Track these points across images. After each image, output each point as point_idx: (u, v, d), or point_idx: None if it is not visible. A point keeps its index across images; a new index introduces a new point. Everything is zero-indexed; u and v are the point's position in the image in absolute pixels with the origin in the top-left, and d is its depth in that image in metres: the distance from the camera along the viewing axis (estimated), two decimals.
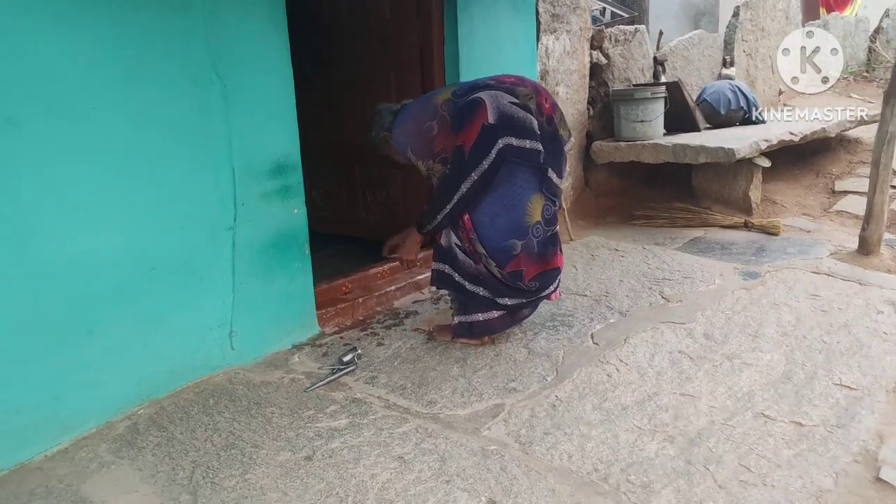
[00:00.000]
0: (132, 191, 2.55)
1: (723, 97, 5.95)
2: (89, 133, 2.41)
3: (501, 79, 2.99)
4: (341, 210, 4.81)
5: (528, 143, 2.88)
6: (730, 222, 5.09)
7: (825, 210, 5.50)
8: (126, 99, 2.50)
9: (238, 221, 2.91)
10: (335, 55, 4.55)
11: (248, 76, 2.88)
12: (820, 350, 3.02)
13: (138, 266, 2.60)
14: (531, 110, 2.89)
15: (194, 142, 2.73)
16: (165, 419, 2.57)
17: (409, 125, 3.04)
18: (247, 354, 3.00)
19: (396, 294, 3.79)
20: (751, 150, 5.00)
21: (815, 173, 6.13)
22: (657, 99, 5.34)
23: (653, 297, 3.74)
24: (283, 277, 3.12)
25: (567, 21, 5.08)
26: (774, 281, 3.89)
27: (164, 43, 2.59)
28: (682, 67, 6.58)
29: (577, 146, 5.51)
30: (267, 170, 3.00)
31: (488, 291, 3.03)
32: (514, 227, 2.92)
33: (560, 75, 5.11)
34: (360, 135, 4.37)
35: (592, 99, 5.66)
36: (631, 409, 2.58)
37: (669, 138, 5.35)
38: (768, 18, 7.80)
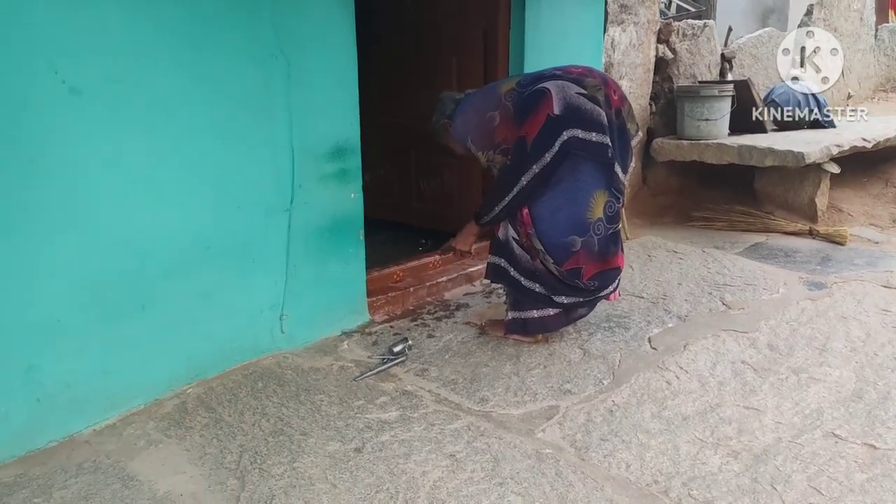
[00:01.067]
0: (191, 167, 2.53)
1: (792, 98, 5.73)
2: (150, 106, 2.38)
3: (569, 69, 2.89)
4: (394, 196, 4.75)
5: (595, 136, 2.77)
6: (793, 229, 4.89)
7: (894, 221, 5.27)
8: (188, 73, 2.46)
9: (295, 203, 2.86)
10: (396, 37, 4.48)
11: (312, 55, 2.82)
12: (893, 369, 2.86)
13: (193, 244, 2.57)
14: (599, 102, 2.78)
15: (255, 120, 2.69)
16: (214, 400, 2.54)
17: (469, 115, 2.95)
18: (296, 339, 2.96)
19: (448, 285, 3.72)
20: (821, 154, 4.80)
21: (885, 182, 5.87)
22: (724, 97, 5.16)
23: (713, 302, 3.60)
24: (337, 262, 3.07)
25: (635, 13, 4.94)
26: (842, 293, 3.71)
27: (230, 17, 2.55)
28: (749, 66, 6.36)
29: (637, 143, 5.36)
30: (326, 152, 2.94)
31: (545, 288, 2.93)
32: (574, 223, 2.82)
33: (625, 68, 4.97)
34: (417, 119, 4.31)
35: (655, 94, 5.50)
36: (692, 420, 2.47)
37: (734, 138, 5.17)
38: (842, 19, 7.50)
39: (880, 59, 8.61)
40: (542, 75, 2.88)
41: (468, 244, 3.13)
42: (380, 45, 4.49)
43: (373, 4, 4.34)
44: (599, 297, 3.05)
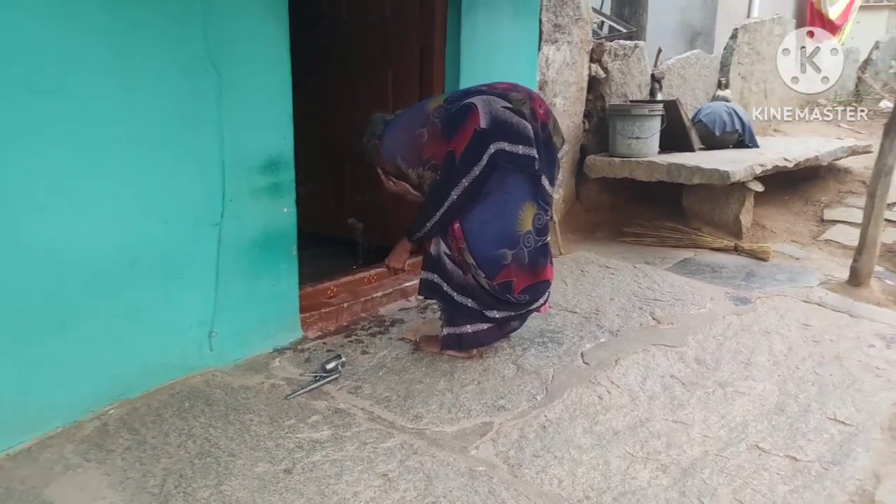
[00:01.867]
0: (115, 179, 2.44)
1: (718, 119, 5.91)
2: (74, 118, 2.29)
3: (494, 85, 2.93)
4: (330, 210, 4.69)
5: (522, 149, 2.80)
6: (719, 245, 5.04)
7: (814, 238, 5.48)
8: (114, 84, 2.38)
9: (225, 217, 2.79)
10: (332, 49, 4.45)
11: (244, 67, 2.77)
12: (813, 382, 2.97)
13: (118, 258, 2.48)
14: (525, 115, 2.82)
15: (184, 132, 2.61)
16: (137, 421, 2.44)
17: (399, 133, 2.97)
18: (226, 356, 2.89)
19: (382, 300, 3.69)
20: (746, 173, 4.97)
21: (805, 200, 6.12)
22: (654, 116, 5.30)
23: (644, 317, 3.67)
24: (269, 278, 3.01)
25: (569, 32, 5.02)
26: (765, 308, 3.84)
27: (160, 26, 2.48)
28: (678, 86, 6.55)
29: (571, 160, 5.45)
30: (258, 165, 2.89)
31: (477, 303, 2.94)
32: (504, 236, 2.85)
33: (559, 86, 5.05)
34: (354, 134, 4.28)
35: (589, 112, 5.60)
36: (623, 435, 2.51)
37: (664, 157, 5.31)
38: (764, 43, 7.81)
39: None
40: (468, 92, 2.91)
41: (401, 261, 3.12)
42: (317, 60, 4.46)
43: (309, 18, 4.31)
44: (530, 310, 3.07)
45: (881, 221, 4.20)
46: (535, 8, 4.50)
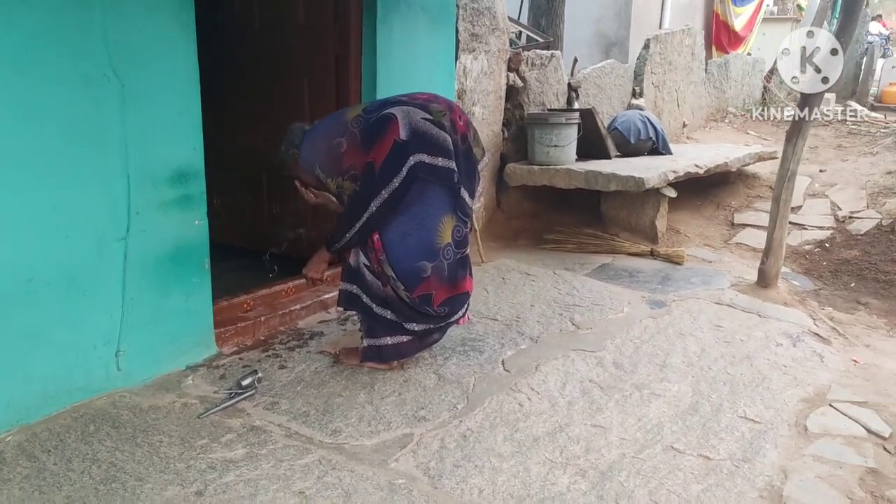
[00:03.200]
0: (9, 195, 2.31)
1: (633, 126, 6.06)
2: None
3: (415, 96, 2.91)
4: (245, 221, 4.59)
5: (441, 161, 2.79)
6: (636, 250, 5.16)
7: (725, 242, 5.68)
8: (5, 95, 2.26)
9: (131, 232, 2.68)
10: (245, 57, 4.36)
11: (149, 76, 2.67)
12: (724, 381, 3.05)
13: (12, 277, 2.35)
14: (445, 127, 2.81)
15: (85, 144, 2.50)
16: (37, 447, 2.31)
17: (317, 142, 2.92)
18: (135, 376, 2.77)
19: (301, 313, 3.61)
20: (659, 180, 5.10)
21: (716, 205, 6.34)
22: (571, 125, 5.38)
23: (563, 323, 3.71)
24: (180, 293, 2.90)
25: (486, 41, 5.06)
26: (680, 310, 3.94)
27: (55, 34, 2.37)
28: (594, 95, 6.69)
29: (491, 168, 5.48)
30: (166, 177, 2.79)
31: (396, 315, 2.91)
32: (424, 249, 2.83)
33: (477, 95, 5.08)
34: (269, 143, 4.20)
35: (507, 121, 5.65)
36: (542, 441, 2.52)
37: (582, 164, 5.40)
38: (675, 53, 8.05)
39: (710, 90, 9.32)
40: (387, 102, 2.89)
41: (320, 271, 3.07)
42: (230, 69, 4.35)
43: (220, 25, 4.21)
44: (450, 322, 3.06)
45: (786, 224, 4.37)
46: (452, 17, 4.51)
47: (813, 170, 7.07)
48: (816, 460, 2.48)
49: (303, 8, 4.06)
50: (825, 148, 8.01)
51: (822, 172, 7.04)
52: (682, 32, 8.26)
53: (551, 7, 7.45)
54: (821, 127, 8.59)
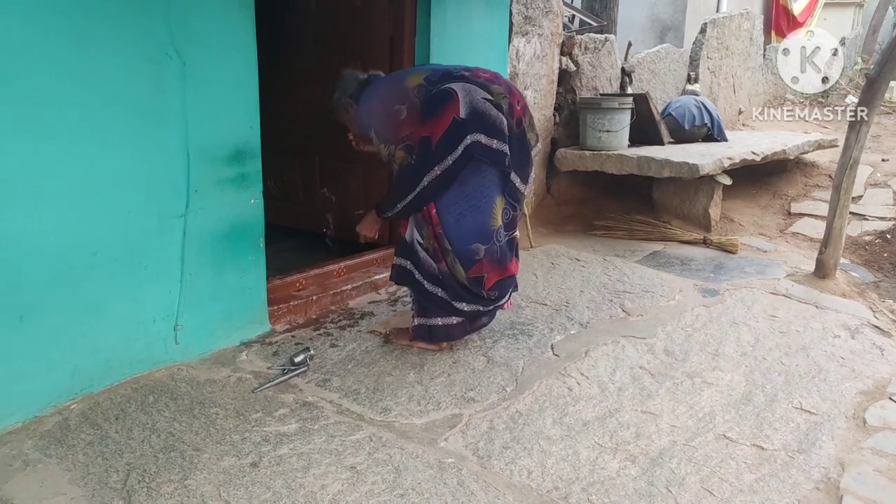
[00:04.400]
0: (76, 169, 2.38)
1: (688, 112, 5.95)
2: (31, 104, 2.23)
3: (477, 72, 2.88)
4: (298, 202, 4.64)
5: (496, 144, 2.78)
6: (689, 238, 5.08)
7: (781, 231, 5.55)
8: (74, 70, 2.33)
9: (190, 209, 2.74)
10: (301, 38, 4.39)
11: (209, 55, 2.72)
12: (779, 372, 3.00)
13: (78, 250, 2.42)
14: (503, 110, 2.79)
15: (147, 122, 2.56)
16: (100, 416, 2.39)
17: (375, 105, 2.91)
18: (192, 350, 2.84)
19: (352, 293, 3.65)
20: (714, 167, 5.00)
21: (772, 194, 6.19)
22: (624, 110, 5.31)
23: (613, 309, 3.68)
24: (235, 270, 2.96)
25: (539, 24, 5.01)
26: (733, 300, 3.87)
27: (119, 12, 2.42)
28: (648, 80, 6.58)
29: (542, 153, 5.45)
30: (224, 155, 2.84)
31: (446, 293, 2.93)
32: (478, 230, 2.84)
33: (529, 79, 5.04)
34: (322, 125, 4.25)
35: (559, 105, 5.60)
36: (592, 426, 2.51)
37: (634, 150, 5.33)
38: (733, 38, 7.87)
39: (768, 77, 9.09)
40: (449, 72, 2.85)
41: (373, 230, 3.10)
42: (285, 49, 4.40)
43: (277, 5, 4.25)
44: (498, 305, 3.06)
45: (846, 214, 4.25)
46: (506, 0, 4.48)
47: (875, 159, 6.85)
48: (875, 454, 2.42)
49: (351, 14, 4.07)
50: (888, 137, 7.76)
51: (885, 162, 6.82)
52: (740, 16, 8.07)
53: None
54: (884, 115, 8.31)
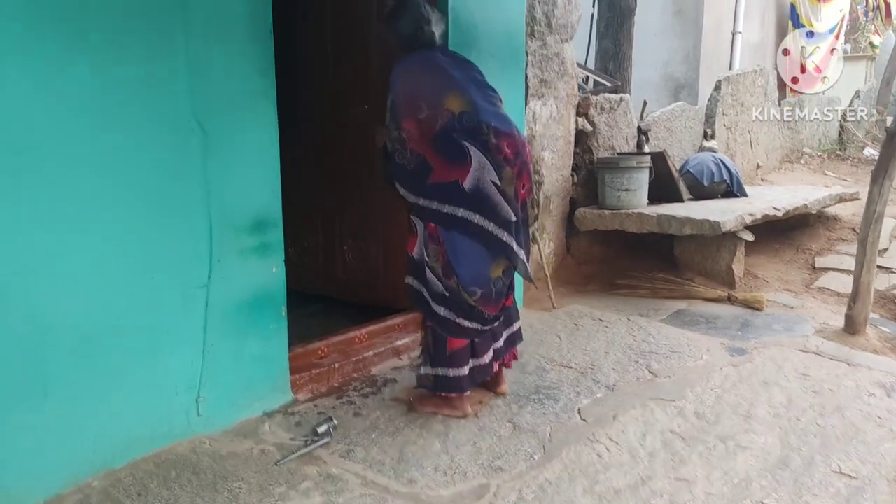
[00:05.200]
0: (100, 240, 2.40)
1: (706, 169, 5.95)
2: (56, 177, 2.27)
3: (501, 142, 2.78)
4: (318, 267, 4.66)
5: (492, 227, 2.83)
6: (713, 295, 5.01)
7: (807, 286, 5.46)
8: (99, 144, 2.37)
9: (213, 278, 2.75)
10: (321, 103, 4.46)
11: (231, 126, 2.76)
12: (815, 434, 2.90)
13: (102, 322, 2.43)
14: (507, 196, 2.82)
15: (171, 192, 2.59)
16: (121, 493, 2.35)
17: (406, 80, 2.85)
18: (214, 422, 2.80)
19: (374, 360, 3.62)
20: (736, 223, 4.97)
21: (796, 248, 6.13)
22: (642, 168, 5.32)
23: (640, 371, 3.61)
24: (258, 339, 2.95)
25: (555, 87, 5.08)
26: (762, 358, 3.79)
27: (145, 89, 2.48)
28: (664, 138, 6.61)
29: (560, 213, 5.45)
30: (246, 225, 2.86)
31: (451, 312, 2.93)
32: (476, 277, 2.89)
33: (546, 140, 5.08)
34: (340, 188, 4.29)
35: (577, 165, 5.63)
36: (624, 494, 2.43)
37: (654, 208, 5.32)
38: (748, 94, 7.93)
39: (784, 131, 9.12)
40: (479, 128, 2.76)
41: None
42: (306, 111, 4.47)
43: (296, 74, 4.33)
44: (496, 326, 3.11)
45: (874, 268, 4.18)
46: (521, 64, 4.55)
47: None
48: None
49: (373, 42, 4.14)
50: None
51: None
52: (753, 73, 8.14)
53: (618, 51, 7.45)
54: None
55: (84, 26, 2.30)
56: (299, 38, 4.49)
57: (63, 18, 2.25)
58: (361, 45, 4.22)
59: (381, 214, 4.19)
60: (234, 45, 2.75)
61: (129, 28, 2.42)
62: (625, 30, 7.41)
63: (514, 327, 3.29)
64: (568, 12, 5.07)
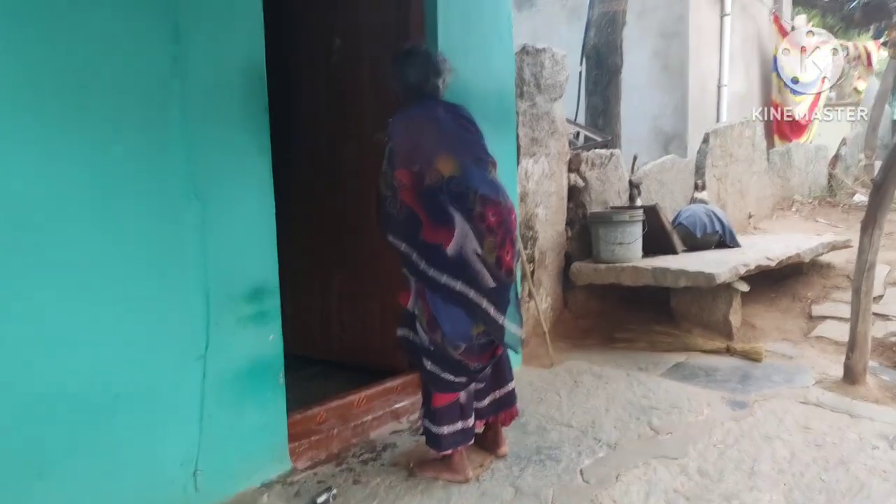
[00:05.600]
0: (98, 313, 2.41)
1: (698, 221, 6.01)
2: (55, 252, 2.30)
3: (486, 210, 2.82)
4: (315, 330, 4.65)
5: (472, 294, 2.86)
6: (711, 347, 5.00)
7: (805, 335, 5.46)
8: (97, 219, 2.40)
9: (210, 348, 2.74)
10: (318, 160, 4.51)
11: (227, 199, 2.79)
12: (820, 490, 2.87)
13: (100, 393, 2.42)
14: (489, 264, 2.85)
15: (168, 264, 2.61)
16: None
17: (403, 130, 2.90)
18: (211, 495, 2.76)
19: (373, 424, 3.58)
20: (730, 274, 5.00)
21: (791, 297, 6.14)
22: (635, 222, 5.37)
23: (641, 427, 3.58)
24: (255, 409, 2.93)
25: (546, 144, 5.16)
26: (763, 411, 3.77)
27: (142, 164, 2.52)
28: (656, 190, 6.69)
29: (556, 267, 5.48)
30: (243, 294, 2.87)
31: (437, 366, 2.93)
32: (459, 333, 2.89)
33: (539, 197, 5.14)
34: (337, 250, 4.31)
35: (571, 220, 5.68)
36: None
37: (648, 261, 5.35)
38: (736, 145, 8.05)
39: (774, 179, 9.23)
40: (466, 194, 2.80)
41: None
42: (302, 168, 4.51)
43: (293, 143, 4.40)
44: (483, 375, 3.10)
45: (869, 317, 4.20)
46: (513, 124, 4.63)
47: (891, 257, 6.83)
48: None
49: (370, 118, 4.20)
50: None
51: None
52: (741, 125, 8.29)
53: (607, 107, 7.58)
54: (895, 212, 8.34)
55: (82, 105, 2.35)
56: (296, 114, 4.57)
57: (62, 99, 2.30)
58: (358, 114, 4.30)
59: (378, 276, 4.21)
60: (229, 119, 2.80)
61: (126, 105, 2.47)
62: (612, 86, 7.55)
63: (508, 387, 3.26)
64: (555, 73, 5.18)
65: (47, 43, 2.27)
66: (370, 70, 4.17)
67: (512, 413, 3.29)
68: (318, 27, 4.45)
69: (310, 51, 4.49)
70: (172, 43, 2.59)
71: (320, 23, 4.42)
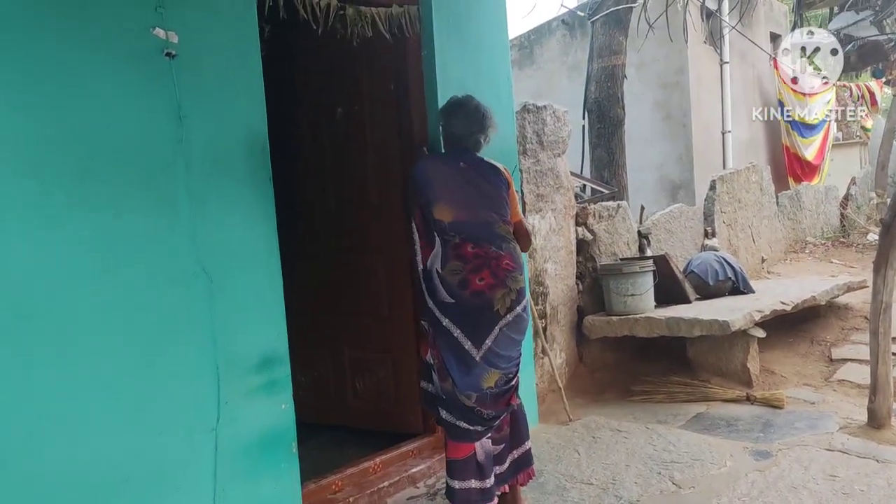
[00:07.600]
0: (106, 393, 2.41)
1: (710, 268, 5.97)
2: (62, 336, 2.31)
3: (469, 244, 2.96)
4: (328, 397, 4.61)
5: (468, 346, 2.91)
6: (731, 396, 4.92)
7: (826, 379, 5.37)
8: (103, 298, 2.42)
9: (221, 422, 2.73)
10: (325, 233, 4.55)
11: (234, 270, 2.82)
12: None
13: (111, 478, 2.40)
14: (448, 283, 2.95)
15: (177, 340, 2.62)
16: None
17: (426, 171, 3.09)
18: None
19: (390, 490, 3.53)
20: (745, 321, 4.95)
21: (810, 341, 6.06)
22: (646, 272, 5.35)
23: (663, 483, 3.51)
24: (268, 480, 2.90)
25: (552, 200, 5.19)
26: (788, 460, 3.69)
27: (148, 242, 2.55)
28: (665, 240, 6.69)
29: (569, 322, 5.45)
30: (253, 365, 2.87)
31: (451, 414, 2.97)
32: (470, 385, 2.93)
33: (548, 252, 5.15)
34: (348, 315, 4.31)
35: (581, 273, 5.67)
36: None
37: (661, 311, 5.31)
38: (744, 191, 8.06)
39: (784, 223, 9.20)
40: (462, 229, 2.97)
41: None
42: (311, 240, 4.54)
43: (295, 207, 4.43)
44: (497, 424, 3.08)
45: (889, 358, 4.13)
46: (516, 182, 4.67)
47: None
48: None
49: (375, 188, 4.26)
50: None
51: None
52: (747, 170, 8.30)
53: (612, 159, 7.64)
54: None
55: (86, 184, 2.40)
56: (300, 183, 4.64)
57: (65, 178, 2.35)
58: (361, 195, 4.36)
59: (389, 340, 4.20)
60: (234, 194, 2.84)
61: (131, 182, 2.52)
62: (616, 138, 7.63)
63: (525, 446, 3.23)
64: (557, 129, 5.25)
65: (53, 123, 2.33)
66: (372, 136, 4.24)
67: (529, 473, 3.24)
68: (320, 98, 4.54)
69: (313, 122, 4.58)
70: (175, 122, 2.65)
71: (322, 94, 4.52)
